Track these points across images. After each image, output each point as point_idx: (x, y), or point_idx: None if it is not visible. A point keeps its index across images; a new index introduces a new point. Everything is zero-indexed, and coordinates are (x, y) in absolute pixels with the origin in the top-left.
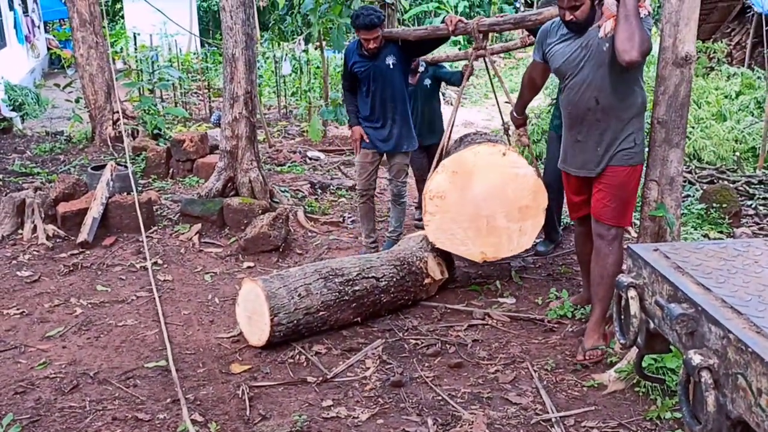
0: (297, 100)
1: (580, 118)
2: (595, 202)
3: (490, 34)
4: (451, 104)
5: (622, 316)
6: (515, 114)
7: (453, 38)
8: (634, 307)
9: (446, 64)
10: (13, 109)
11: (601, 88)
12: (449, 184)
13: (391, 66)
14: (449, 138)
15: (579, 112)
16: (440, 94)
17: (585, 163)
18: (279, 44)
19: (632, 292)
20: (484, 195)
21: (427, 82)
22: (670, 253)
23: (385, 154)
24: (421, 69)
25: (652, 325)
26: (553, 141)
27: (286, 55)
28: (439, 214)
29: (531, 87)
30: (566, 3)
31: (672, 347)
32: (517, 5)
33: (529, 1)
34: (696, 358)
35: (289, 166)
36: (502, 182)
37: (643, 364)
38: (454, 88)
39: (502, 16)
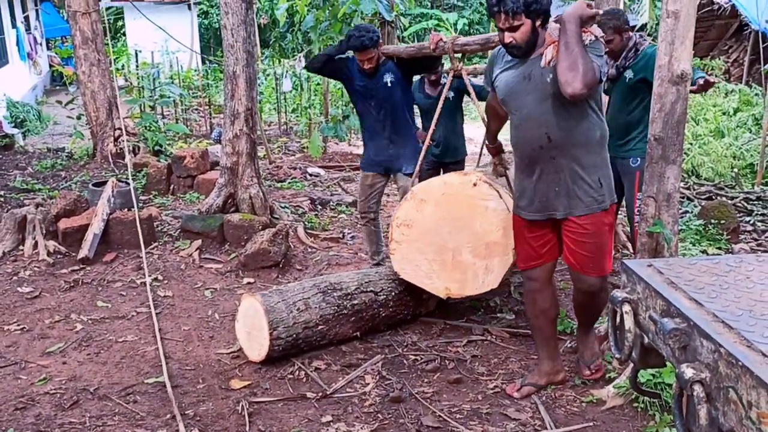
0: (297, 116)
1: (534, 158)
2: (572, 255)
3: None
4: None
5: (617, 331)
6: (488, 143)
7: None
8: (629, 322)
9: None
10: (14, 126)
11: (550, 123)
12: (417, 213)
13: (389, 84)
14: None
15: (531, 151)
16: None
17: (544, 205)
18: (280, 61)
19: (626, 307)
20: (450, 227)
21: (450, 94)
22: (664, 269)
23: (392, 176)
24: (444, 80)
25: (646, 340)
26: None
27: (287, 72)
28: (405, 243)
29: (494, 116)
30: (503, 23)
31: (667, 362)
32: None
33: None
34: (688, 372)
35: (289, 182)
36: (470, 215)
37: (642, 379)
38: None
39: (473, 37)
